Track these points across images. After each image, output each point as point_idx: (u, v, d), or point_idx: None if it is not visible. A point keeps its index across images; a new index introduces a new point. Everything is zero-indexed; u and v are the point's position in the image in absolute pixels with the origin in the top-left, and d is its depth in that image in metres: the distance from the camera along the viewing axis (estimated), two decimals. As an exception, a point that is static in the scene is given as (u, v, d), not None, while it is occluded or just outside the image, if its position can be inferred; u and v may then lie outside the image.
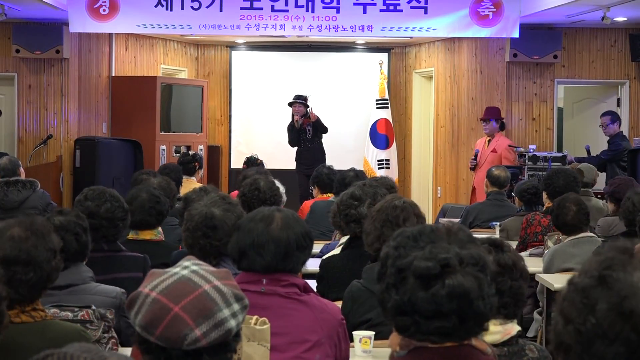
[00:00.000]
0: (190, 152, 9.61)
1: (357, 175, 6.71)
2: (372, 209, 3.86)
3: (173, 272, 1.92)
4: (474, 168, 10.22)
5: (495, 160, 9.88)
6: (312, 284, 4.14)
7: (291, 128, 11.39)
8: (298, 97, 11.36)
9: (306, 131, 11.32)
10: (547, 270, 5.46)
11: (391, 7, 9.93)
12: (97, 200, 4.23)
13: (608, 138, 10.03)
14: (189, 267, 1.93)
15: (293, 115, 11.35)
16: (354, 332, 3.45)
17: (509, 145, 10.16)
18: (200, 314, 1.86)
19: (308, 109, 11.34)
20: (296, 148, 11.46)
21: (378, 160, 12.38)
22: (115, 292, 3.59)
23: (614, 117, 10.02)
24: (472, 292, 1.86)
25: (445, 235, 1.92)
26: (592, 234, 5.51)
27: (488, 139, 10.24)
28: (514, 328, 2.67)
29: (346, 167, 7.52)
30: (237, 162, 12.40)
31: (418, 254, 1.89)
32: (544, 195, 6.53)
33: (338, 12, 9.93)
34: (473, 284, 1.86)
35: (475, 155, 10.02)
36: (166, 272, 1.93)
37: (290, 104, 11.38)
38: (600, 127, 10.09)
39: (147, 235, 4.82)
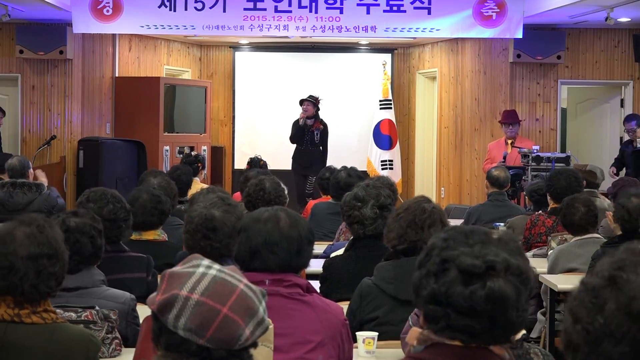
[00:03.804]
0: (193, 153, 9.61)
1: (349, 174, 6.66)
2: (401, 206, 3.84)
3: (200, 272, 1.88)
4: None
5: None
6: (316, 284, 4.14)
7: (296, 124, 11.38)
8: (310, 96, 11.34)
9: (313, 134, 11.27)
10: (552, 269, 5.46)
11: (394, 8, 9.93)
12: (100, 202, 4.22)
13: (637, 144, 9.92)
14: (211, 266, 1.90)
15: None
16: (357, 333, 3.45)
17: (515, 147, 10.15)
18: (246, 313, 1.86)
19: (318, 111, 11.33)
20: (295, 147, 11.45)
21: (382, 161, 12.37)
22: (124, 297, 3.55)
23: (639, 121, 9.94)
24: (509, 299, 1.86)
25: (497, 241, 1.93)
26: (599, 235, 5.49)
27: (510, 141, 10.20)
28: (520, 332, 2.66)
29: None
30: (240, 163, 12.41)
31: (466, 249, 1.90)
32: (548, 197, 6.53)
33: (341, 12, 9.93)
34: (512, 293, 1.87)
35: (504, 158, 9.95)
36: (192, 273, 1.89)
37: (301, 102, 11.37)
38: (626, 132, 10.04)
39: (150, 235, 4.82)
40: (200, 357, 1.84)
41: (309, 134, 11.30)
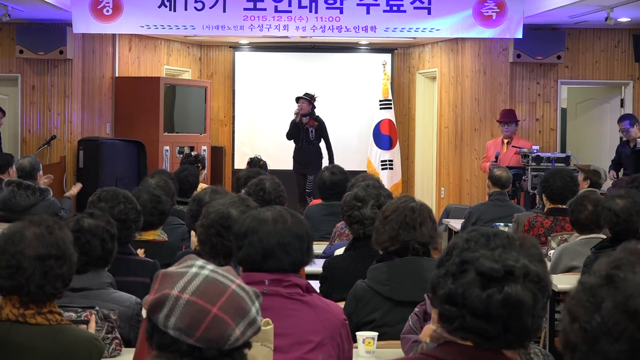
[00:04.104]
0: (193, 153, 9.61)
1: (332, 172, 6.63)
2: (386, 208, 3.83)
3: (192, 272, 1.89)
4: None
5: (519, 161, 9.83)
6: (316, 284, 4.14)
7: (293, 122, 11.43)
8: (306, 94, 11.39)
9: (309, 131, 11.33)
10: (554, 267, 5.46)
11: (394, 8, 9.93)
12: (111, 202, 4.22)
13: (634, 144, 9.86)
14: (204, 266, 1.91)
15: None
16: (357, 333, 3.45)
17: (513, 146, 10.15)
18: (237, 313, 1.86)
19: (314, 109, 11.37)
20: (294, 146, 11.48)
21: (382, 161, 12.37)
22: (129, 301, 3.55)
23: (633, 120, 9.88)
24: (525, 306, 1.86)
25: (518, 246, 1.93)
26: (604, 236, 5.48)
27: (507, 140, 10.20)
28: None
29: (350, 168, 7.50)
30: (240, 163, 12.41)
31: (487, 253, 1.90)
32: (544, 197, 6.50)
33: (341, 12, 9.92)
34: (529, 299, 1.87)
35: (496, 158, 9.93)
36: (184, 273, 1.89)
37: (297, 100, 11.40)
38: (620, 132, 10.02)
39: (150, 235, 4.82)
40: (191, 357, 1.85)
41: (304, 131, 11.33)
